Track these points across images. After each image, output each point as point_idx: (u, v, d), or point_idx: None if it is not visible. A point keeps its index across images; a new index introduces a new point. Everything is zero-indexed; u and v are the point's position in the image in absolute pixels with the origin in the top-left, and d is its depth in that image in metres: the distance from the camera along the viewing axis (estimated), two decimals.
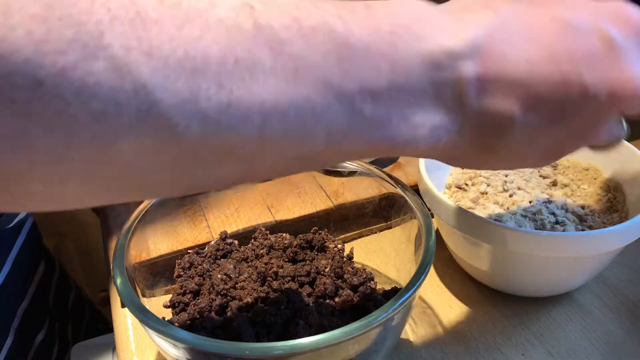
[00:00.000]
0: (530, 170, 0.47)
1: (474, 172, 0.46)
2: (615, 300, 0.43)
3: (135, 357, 0.41)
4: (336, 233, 0.47)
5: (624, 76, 0.25)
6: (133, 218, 0.38)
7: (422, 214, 0.37)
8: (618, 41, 0.25)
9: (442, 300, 0.44)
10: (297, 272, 0.38)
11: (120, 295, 0.33)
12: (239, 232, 0.45)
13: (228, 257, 0.41)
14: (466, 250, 0.42)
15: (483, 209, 0.43)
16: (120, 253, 0.36)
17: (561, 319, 0.42)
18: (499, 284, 0.43)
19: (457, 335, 0.41)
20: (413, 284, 0.32)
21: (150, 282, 0.40)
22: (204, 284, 0.38)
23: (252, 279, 0.37)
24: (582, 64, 0.24)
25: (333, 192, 0.48)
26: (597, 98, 0.24)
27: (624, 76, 0.25)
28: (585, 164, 0.47)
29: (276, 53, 0.20)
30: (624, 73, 0.25)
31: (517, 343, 0.40)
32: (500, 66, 0.24)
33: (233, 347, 0.29)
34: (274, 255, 0.40)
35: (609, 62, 0.24)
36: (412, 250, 0.38)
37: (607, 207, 0.44)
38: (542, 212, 0.42)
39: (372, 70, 0.22)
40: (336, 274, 0.38)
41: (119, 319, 0.44)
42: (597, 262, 0.40)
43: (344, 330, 0.29)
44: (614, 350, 0.39)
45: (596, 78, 0.24)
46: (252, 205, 0.47)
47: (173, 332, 0.30)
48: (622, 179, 0.45)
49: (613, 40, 0.25)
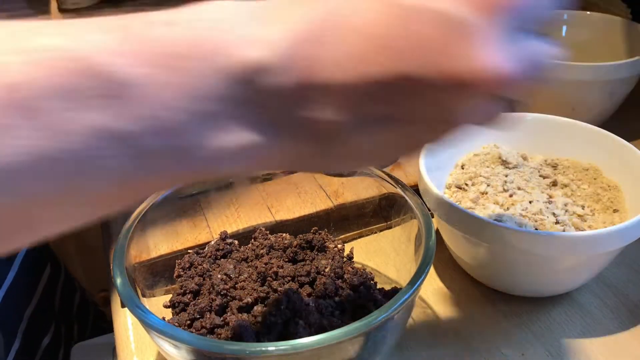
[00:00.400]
0: (530, 171, 0.47)
1: (474, 172, 0.46)
2: (615, 300, 0.43)
3: (135, 357, 0.41)
4: (336, 233, 0.47)
5: (467, 61, 0.21)
6: (133, 218, 0.38)
7: (422, 214, 0.37)
8: (463, 21, 0.21)
9: (442, 300, 0.44)
10: (297, 272, 0.38)
11: (120, 295, 0.33)
12: (239, 232, 0.45)
13: (228, 257, 0.41)
14: (466, 250, 0.42)
15: (483, 209, 0.43)
16: (120, 253, 0.36)
17: (561, 319, 0.42)
18: (499, 284, 0.43)
19: (457, 335, 0.41)
20: (413, 284, 0.32)
21: (150, 282, 0.40)
22: (204, 284, 0.38)
23: (252, 279, 0.37)
24: (412, 54, 0.21)
25: (333, 192, 0.48)
26: (435, 88, 0.22)
27: (467, 61, 0.21)
28: (585, 164, 0.47)
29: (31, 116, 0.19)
30: (467, 57, 0.21)
31: (517, 343, 0.40)
32: (314, 71, 0.21)
33: (233, 347, 0.29)
34: (274, 255, 0.40)
35: (449, 47, 0.21)
36: (412, 250, 0.38)
37: (607, 207, 0.44)
38: (542, 212, 0.42)
39: (153, 105, 0.20)
40: (336, 274, 0.38)
41: (119, 319, 0.44)
42: (597, 262, 0.40)
43: (344, 330, 0.29)
44: (614, 350, 0.39)
45: (427, 67, 0.21)
46: (252, 205, 0.47)
47: (173, 332, 0.30)
48: (622, 179, 0.45)
49: (456, 21, 0.21)
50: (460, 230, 0.39)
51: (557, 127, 0.49)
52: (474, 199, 0.44)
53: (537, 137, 0.49)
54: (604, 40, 0.66)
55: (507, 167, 0.47)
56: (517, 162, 0.48)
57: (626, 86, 0.59)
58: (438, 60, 0.21)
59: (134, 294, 0.33)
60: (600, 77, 0.56)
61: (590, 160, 0.47)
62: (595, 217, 0.43)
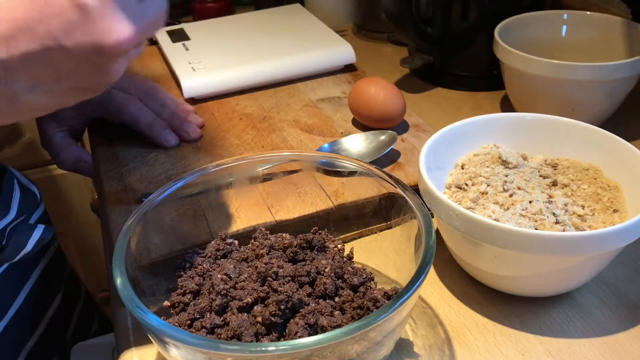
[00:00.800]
0: (530, 171, 0.47)
1: (474, 172, 0.46)
2: (615, 300, 0.43)
3: (135, 357, 0.41)
4: (336, 233, 0.47)
5: (97, 34, 0.29)
6: (133, 218, 0.38)
7: (422, 214, 0.37)
8: (89, 5, 0.29)
9: (442, 300, 0.44)
10: (297, 272, 0.38)
11: (120, 295, 0.33)
12: (239, 232, 0.45)
13: (228, 257, 0.41)
14: (466, 250, 0.42)
15: (483, 209, 0.43)
16: (120, 253, 0.36)
17: (561, 319, 0.42)
18: (499, 284, 0.43)
19: (457, 335, 0.41)
20: (413, 284, 0.32)
21: (150, 282, 0.40)
22: (204, 284, 0.38)
23: (252, 279, 0.37)
24: (58, 30, 0.29)
25: (333, 192, 0.48)
26: (85, 54, 0.30)
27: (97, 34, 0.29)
28: (585, 164, 0.47)
29: None
30: (97, 30, 0.29)
31: (517, 343, 0.40)
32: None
33: (233, 347, 0.29)
34: (274, 255, 0.40)
35: (86, 23, 0.29)
36: (412, 250, 0.38)
37: (607, 207, 0.44)
38: (542, 212, 0.42)
39: None
40: (336, 274, 0.38)
41: (119, 319, 0.44)
42: (597, 262, 0.40)
43: (344, 330, 0.29)
44: (614, 350, 0.39)
45: (75, 39, 0.29)
46: (252, 205, 0.47)
47: (173, 332, 0.30)
48: (622, 179, 0.45)
49: (84, 5, 0.28)
50: (460, 230, 0.39)
51: (557, 127, 0.49)
52: (474, 199, 0.44)
53: (537, 137, 0.49)
54: (604, 40, 0.66)
55: (507, 167, 0.47)
56: (517, 162, 0.48)
57: (626, 86, 0.59)
58: (83, 32, 0.29)
59: (134, 294, 0.33)
60: (600, 77, 0.56)
61: (590, 160, 0.47)
62: (595, 217, 0.43)
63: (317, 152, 0.56)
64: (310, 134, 0.61)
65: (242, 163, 0.45)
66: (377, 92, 0.59)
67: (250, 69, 0.70)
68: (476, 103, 0.72)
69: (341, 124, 0.62)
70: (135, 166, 0.56)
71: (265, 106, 0.67)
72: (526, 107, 0.63)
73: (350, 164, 0.43)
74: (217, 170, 0.44)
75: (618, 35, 0.65)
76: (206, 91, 0.69)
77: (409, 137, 0.59)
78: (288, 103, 0.67)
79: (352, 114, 0.62)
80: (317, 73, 0.73)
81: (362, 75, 0.73)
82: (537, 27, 0.68)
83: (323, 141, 0.59)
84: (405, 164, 0.55)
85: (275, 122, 0.63)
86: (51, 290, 0.65)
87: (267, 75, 0.70)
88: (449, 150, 0.48)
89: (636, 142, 0.45)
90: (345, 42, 0.75)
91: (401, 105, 0.59)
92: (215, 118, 0.65)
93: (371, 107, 0.59)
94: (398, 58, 0.75)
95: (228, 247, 0.42)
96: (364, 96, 0.59)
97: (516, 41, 0.62)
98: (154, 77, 0.76)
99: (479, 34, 0.71)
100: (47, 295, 0.64)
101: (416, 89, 0.75)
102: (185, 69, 0.70)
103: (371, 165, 0.43)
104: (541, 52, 0.63)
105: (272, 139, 0.60)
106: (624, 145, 0.45)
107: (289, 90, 0.70)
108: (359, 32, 0.92)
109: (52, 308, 0.64)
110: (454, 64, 0.74)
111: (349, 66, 0.75)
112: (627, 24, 0.64)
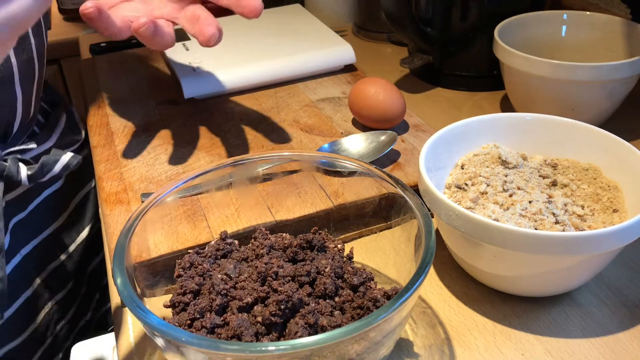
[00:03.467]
0: (530, 171, 0.47)
1: (474, 172, 0.46)
2: (615, 300, 0.43)
3: (135, 357, 0.41)
4: (336, 233, 0.47)
5: None
6: (133, 218, 0.38)
7: (422, 214, 0.37)
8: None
9: (442, 300, 0.44)
10: (297, 272, 0.38)
11: (120, 295, 0.33)
12: (239, 232, 0.45)
13: (228, 257, 0.41)
14: (466, 250, 0.42)
15: (483, 209, 0.43)
16: (120, 253, 0.36)
17: (561, 319, 0.42)
18: (499, 284, 0.43)
19: (457, 335, 0.41)
20: (413, 284, 0.32)
21: (150, 282, 0.40)
22: (204, 284, 0.38)
23: (252, 279, 0.37)
24: None
25: (333, 192, 0.48)
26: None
27: None
28: (585, 164, 0.47)
29: None
30: None
31: (517, 343, 0.40)
32: None
33: (233, 347, 0.29)
34: (274, 255, 0.40)
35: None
36: (412, 250, 0.38)
37: (607, 207, 0.44)
38: (541, 212, 0.42)
39: None
40: (336, 274, 0.38)
41: (119, 319, 0.44)
42: (597, 262, 0.40)
43: (344, 330, 0.29)
44: (613, 350, 0.39)
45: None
46: (252, 205, 0.47)
47: (173, 332, 0.30)
48: (622, 179, 0.45)
49: None
50: (460, 230, 0.39)
51: (557, 127, 0.49)
52: (473, 199, 0.44)
53: (537, 137, 0.49)
54: (604, 40, 0.66)
55: (507, 167, 0.47)
56: (517, 162, 0.48)
57: (626, 86, 0.59)
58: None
59: (134, 294, 0.33)
60: (600, 77, 0.56)
61: (590, 160, 0.47)
62: (595, 217, 0.43)
63: (317, 152, 0.56)
64: (310, 134, 0.61)
65: (242, 163, 0.45)
66: (377, 92, 0.59)
67: (250, 69, 0.70)
68: (476, 103, 0.72)
69: (341, 124, 0.62)
70: (135, 166, 0.56)
71: (265, 106, 0.67)
72: (526, 107, 0.63)
73: (350, 164, 0.43)
74: (217, 170, 0.44)
75: (618, 35, 0.65)
76: (206, 91, 0.69)
77: (409, 137, 0.59)
78: (288, 103, 0.67)
79: (352, 114, 0.62)
80: (317, 73, 0.73)
81: (362, 76, 0.74)
82: (537, 27, 0.68)
83: (323, 141, 0.59)
84: (405, 164, 0.55)
85: (275, 122, 0.63)
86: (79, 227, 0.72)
87: (267, 75, 0.70)
88: (449, 150, 0.48)
89: (636, 142, 0.45)
90: (345, 42, 0.75)
91: (401, 105, 0.59)
92: (215, 118, 0.65)
93: (371, 107, 0.59)
94: (398, 58, 0.75)
95: (228, 247, 0.42)
96: (364, 96, 0.59)
97: (516, 41, 0.62)
98: (154, 77, 0.76)
99: (478, 34, 0.71)
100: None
101: (416, 89, 0.75)
102: (185, 69, 0.70)
103: (371, 165, 0.43)
104: (541, 52, 0.63)
105: (272, 139, 0.60)
106: (624, 145, 0.45)
107: (289, 91, 0.70)
108: (359, 32, 0.92)
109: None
110: (453, 64, 0.75)
111: (349, 66, 0.75)
112: (627, 24, 0.64)
